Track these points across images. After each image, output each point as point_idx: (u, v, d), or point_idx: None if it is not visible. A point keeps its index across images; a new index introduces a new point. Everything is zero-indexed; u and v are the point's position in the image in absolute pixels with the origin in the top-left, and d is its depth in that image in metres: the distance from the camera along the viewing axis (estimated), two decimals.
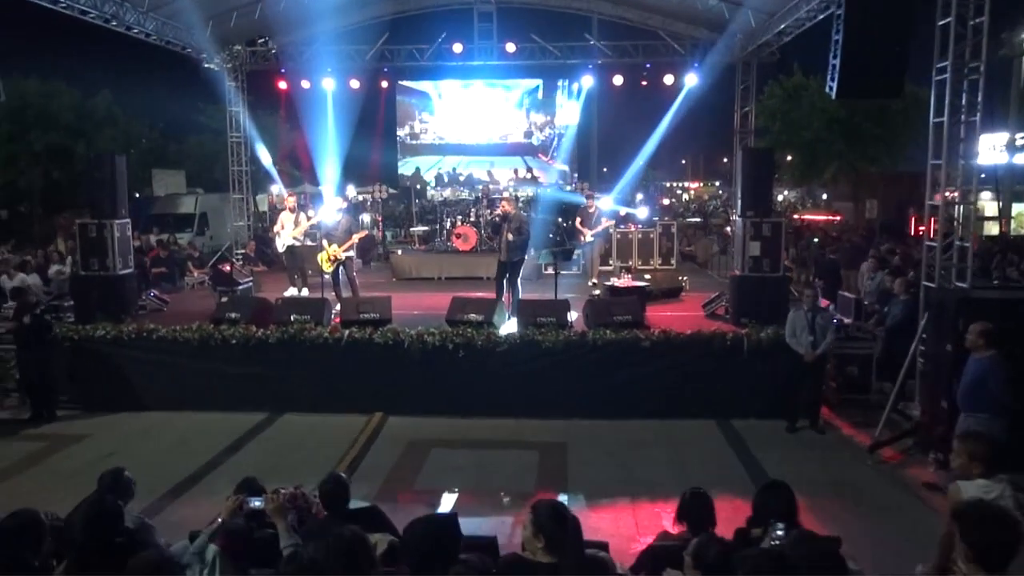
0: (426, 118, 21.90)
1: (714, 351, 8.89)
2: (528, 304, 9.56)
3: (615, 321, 9.23)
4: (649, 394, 8.96)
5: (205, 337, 9.25)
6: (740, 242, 9.77)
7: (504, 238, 10.59)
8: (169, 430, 8.89)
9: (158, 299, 11.25)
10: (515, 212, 11.12)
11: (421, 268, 14.83)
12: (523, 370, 9.02)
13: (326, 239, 10.97)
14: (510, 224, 10.64)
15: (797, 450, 8.05)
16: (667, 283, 12.10)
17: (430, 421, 8.91)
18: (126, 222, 10.42)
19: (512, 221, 10.71)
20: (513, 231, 10.61)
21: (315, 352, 9.17)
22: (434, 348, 9.02)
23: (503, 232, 10.62)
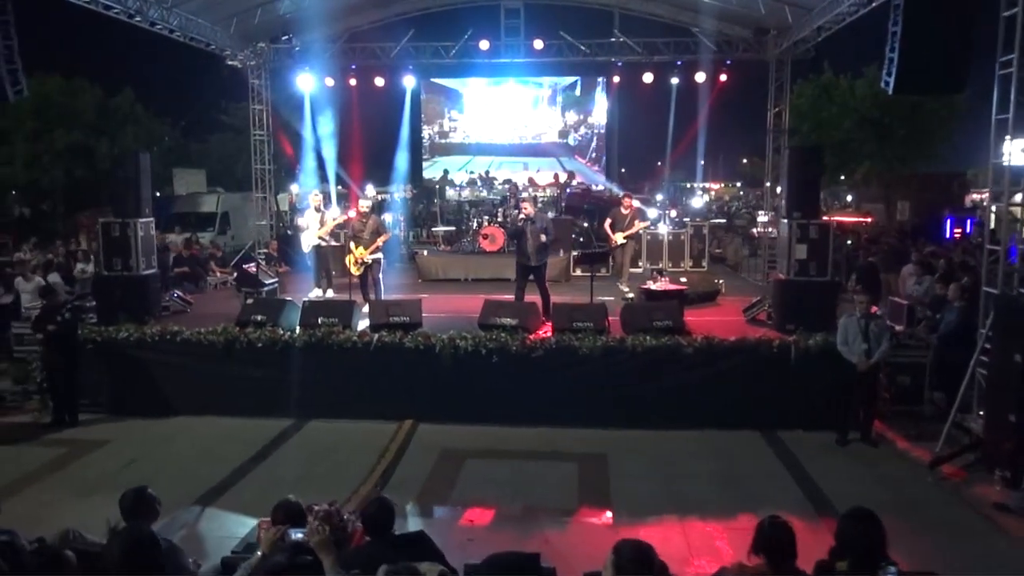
0: (455, 116, 21.25)
1: (760, 359, 8.50)
2: (564, 308, 9.19)
3: (654, 326, 8.85)
4: (691, 403, 8.57)
5: (230, 340, 8.97)
6: (785, 245, 9.35)
7: (529, 241, 10.22)
8: (193, 436, 8.61)
9: (181, 300, 11.00)
10: (538, 213, 10.77)
11: (448, 269, 14.49)
12: (559, 377, 8.66)
13: (353, 241, 10.65)
14: (535, 226, 10.27)
15: (851, 465, 7.63)
16: (703, 286, 11.69)
17: (462, 429, 8.57)
18: (150, 221, 10.17)
19: (537, 223, 10.36)
20: (540, 233, 10.26)
21: (343, 356, 8.87)
22: (466, 353, 8.69)
23: (527, 235, 10.24)
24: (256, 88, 17.09)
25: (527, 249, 10.26)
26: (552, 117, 21.14)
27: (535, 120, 21.14)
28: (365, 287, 10.72)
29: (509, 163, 21.17)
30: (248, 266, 10.80)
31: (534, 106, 21.02)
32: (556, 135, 21.17)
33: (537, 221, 10.36)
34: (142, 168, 9.99)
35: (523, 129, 21.20)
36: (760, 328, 9.68)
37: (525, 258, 10.33)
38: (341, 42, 16.70)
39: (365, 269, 10.61)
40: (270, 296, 10.93)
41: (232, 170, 27.44)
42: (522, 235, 10.27)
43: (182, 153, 30.75)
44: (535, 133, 21.26)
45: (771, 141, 17.07)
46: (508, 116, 21.10)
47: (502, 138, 21.31)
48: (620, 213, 12.63)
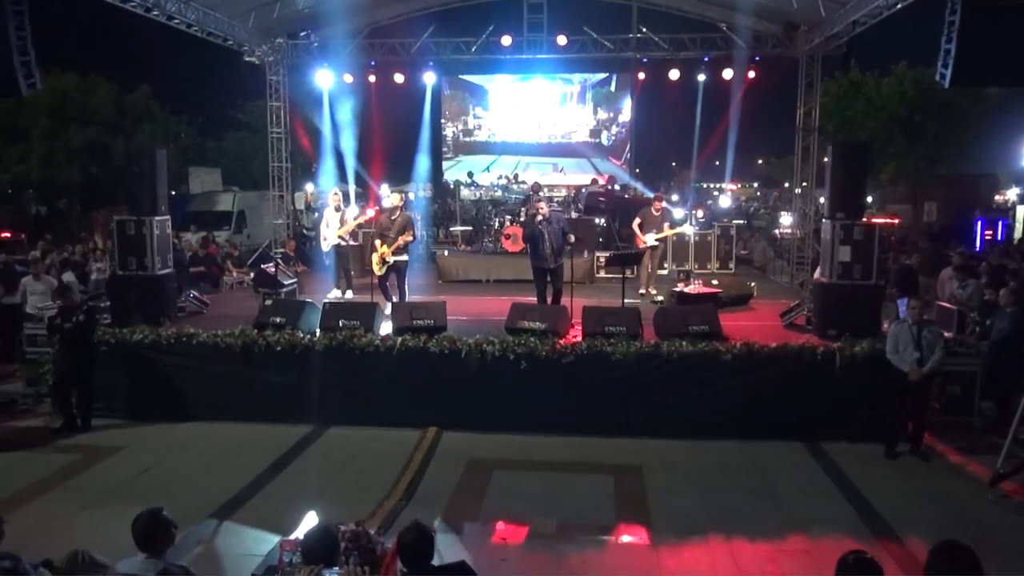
0: (480, 113, 20.55)
1: (802, 366, 8.07)
2: (595, 312, 8.79)
3: (690, 332, 8.44)
4: (729, 413, 8.16)
5: (248, 343, 8.64)
6: (828, 247, 8.92)
7: (546, 243, 9.83)
8: (209, 443, 8.29)
9: (198, 301, 10.68)
10: (554, 213, 10.41)
11: (469, 270, 14.13)
12: (591, 384, 8.28)
13: (379, 239, 10.28)
14: (552, 227, 9.91)
15: (903, 480, 7.19)
16: (735, 289, 11.25)
17: (489, 438, 8.20)
18: (166, 219, 9.86)
19: (553, 223, 10.01)
20: (558, 233, 9.91)
21: (365, 361, 8.52)
22: (494, 358, 8.31)
23: (545, 237, 9.83)
24: (274, 85, 16.79)
25: (543, 251, 9.91)
26: (582, 115, 20.35)
27: (564, 118, 20.39)
28: (386, 288, 10.36)
29: (537, 164, 20.39)
30: (266, 266, 10.47)
31: (562, 103, 20.31)
32: (587, 134, 20.37)
33: (553, 221, 10.04)
34: (158, 164, 9.69)
35: (552, 127, 20.43)
36: (799, 333, 9.25)
37: (541, 260, 9.99)
38: (361, 38, 16.38)
39: (388, 269, 10.24)
40: (289, 297, 10.59)
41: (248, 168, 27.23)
42: (539, 238, 9.91)
43: (198, 151, 30.58)
44: (564, 131, 20.48)
45: (800, 140, 16.62)
46: (535, 114, 20.37)
47: (529, 137, 20.60)
48: (651, 214, 12.23)
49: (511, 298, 10.72)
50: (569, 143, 20.41)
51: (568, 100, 20.19)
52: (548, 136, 20.39)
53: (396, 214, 10.27)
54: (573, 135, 20.31)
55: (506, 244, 14.52)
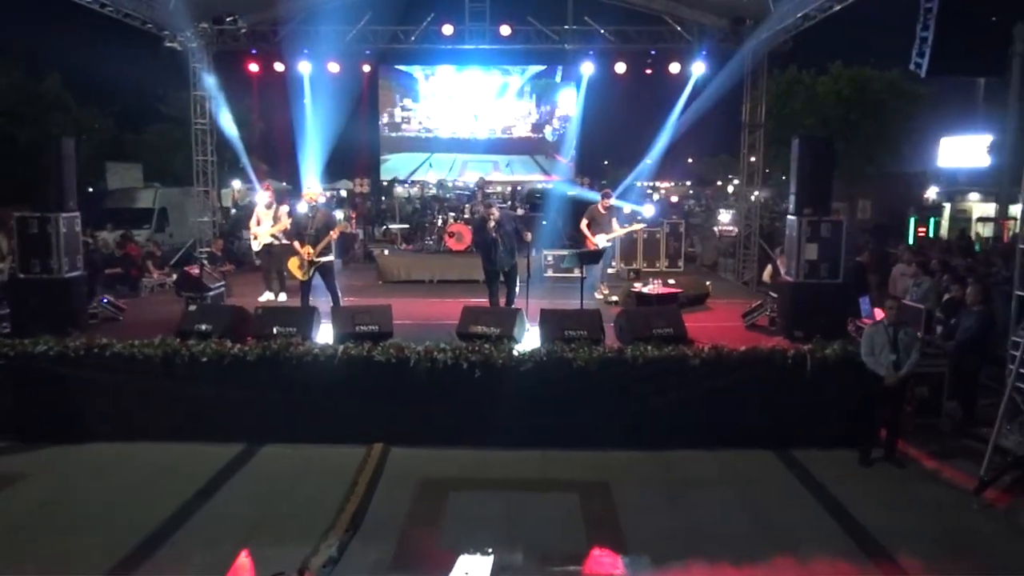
0: (409, 105, 19.13)
1: (773, 370, 7.65)
2: (554, 315, 8.21)
3: (654, 335, 7.94)
4: (697, 421, 7.68)
5: (170, 354, 7.73)
6: (794, 245, 8.55)
7: (501, 247, 9.55)
8: (126, 467, 7.35)
9: (112, 306, 9.64)
10: (503, 214, 9.99)
11: (411, 270, 13.39)
12: (551, 393, 7.67)
13: (297, 240, 9.44)
14: (504, 229, 9.57)
15: (882, 489, 6.83)
16: (692, 289, 10.83)
17: (441, 454, 7.53)
18: (74, 216, 8.84)
19: (505, 224, 9.67)
20: (511, 235, 9.66)
21: (303, 372, 7.71)
22: (445, 367, 7.63)
23: (499, 243, 9.56)
24: (198, 73, 15.69)
25: (497, 257, 9.62)
26: (521, 108, 19.31)
27: (502, 111, 19.23)
28: (308, 294, 9.54)
29: (477, 162, 19.19)
30: (190, 268, 9.50)
31: (499, 95, 19.18)
32: (529, 129, 19.36)
33: (505, 223, 9.68)
34: (65, 155, 8.67)
35: (490, 121, 19.26)
36: (763, 335, 8.89)
37: (495, 266, 9.70)
38: (292, 24, 15.43)
39: (314, 272, 9.40)
40: (216, 302, 9.65)
41: (170, 164, 25.68)
42: (493, 244, 9.56)
43: (116, 145, 28.77)
44: (504, 126, 19.37)
45: (746, 136, 16.43)
46: (471, 106, 19.07)
47: (465, 131, 19.32)
48: (599, 212, 11.72)
49: (459, 300, 10.09)
50: (510, 138, 19.35)
51: (507, 91, 19.19)
52: (488, 130, 19.26)
53: (315, 212, 9.52)
54: (513, 130, 19.28)
55: (450, 243, 13.85)
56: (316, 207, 9.42)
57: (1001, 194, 22.97)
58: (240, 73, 16.45)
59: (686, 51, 16.13)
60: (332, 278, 9.45)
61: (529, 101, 19.17)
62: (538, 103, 19.14)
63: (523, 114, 19.24)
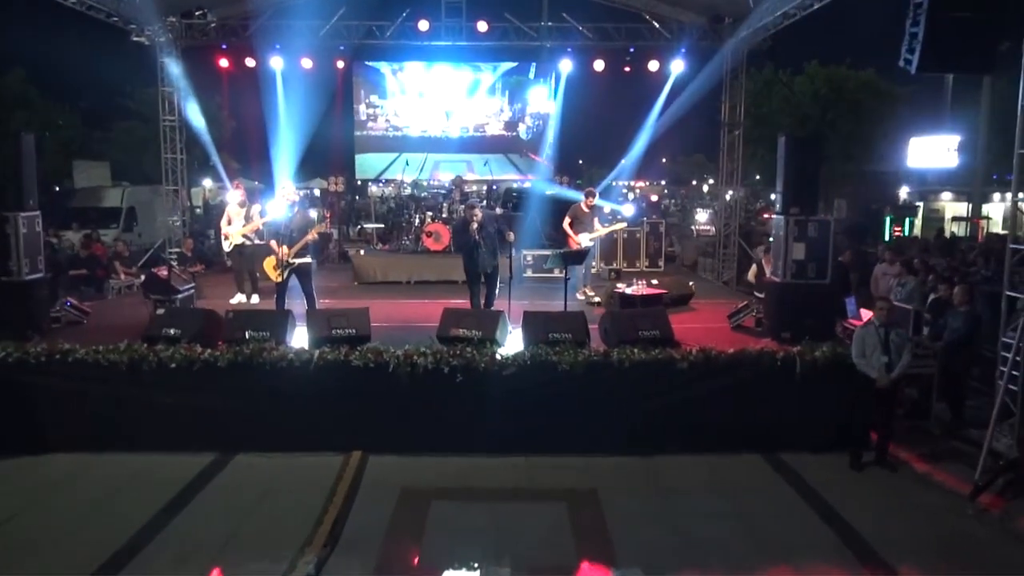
0: (376, 101, 18.48)
1: (761, 373, 7.48)
2: (537, 317, 7.97)
3: (640, 337, 7.74)
4: (685, 425, 7.50)
5: (136, 359, 7.37)
6: (781, 244, 8.40)
7: (483, 249, 9.35)
8: (89, 480, 6.99)
9: (76, 309, 9.22)
10: (484, 214, 9.74)
11: (388, 271, 13.08)
12: (535, 397, 7.43)
13: (274, 240, 9.11)
14: (486, 231, 9.37)
15: (876, 494, 6.69)
16: (675, 289, 10.65)
17: (422, 462, 7.27)
18: (35, 215, 8.42)
19: (487, 225, 9.44)
20: (494, 236, 9.43)
21: (277, 377, 7.40)
22: (426, 371, 7.36)
23: (481, 245, 9.35)
24: (165, 68, 15.25)
25: (479, 260, 9.42)
26: (493, 105, 18.77)
27: (474, 108, 18.69)
28: (284, 296, 9.21)
29: (449, 162, 18.62)
30: (158, 269, 9.10)
31: (471, 93, 18.64)
32: (502, 126, 18.82)
33: (487, 224, 9.43)
34: (25, 152, 8.24)
35: (461, 118, 18.69)
36: (750, 336, 8.73)
37: (477, 267, 9.48)
38: (264, 18, 15.03)
39: (290, 274, 9.07)
40: (185, 305, 9.27)
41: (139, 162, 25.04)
42: (475, 247, 9.36)
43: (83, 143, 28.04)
44: (476, 124, 18.82)
45: (724, 135, 16.35)
46: (440, 103, 18.51)
47: (435, 129, 18.74)
48: (582, 211, 11.53)
49: (438, 302, 9.83)
50: (483, 136, 18.86)
51: (478, 89, 18.69)
52: (460, 128, 18.74)
53: (293, 211, 9.21)
54: (486, 127, 18.79)
55: (428, 243, 13.56)
56: (294, 206, 9.10)
57: (974, 193, 23.18)
58: (210, 68, 16.01)
59: (665, 49, 15.99)
60: (309, 281, 9.13)
61: (501, 98, 18.69)
62: (511, 100, 18.67)
63: (495, 111, 18.76)
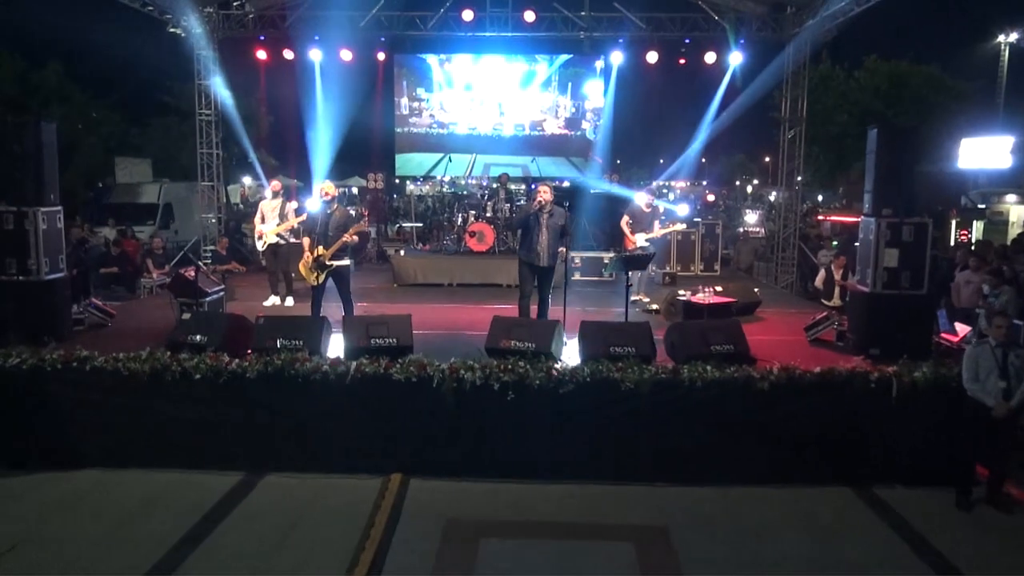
0: (422, 95, 17.07)
1: (853, 396, 6.61)
2: (597, 329, 7.17)
3: (713, 353, 6.91)
4: (765, 453, 6.66)
5: (159, 369, 6.75)
6: (870, 250, 7.50)
7: (542, 235, 8.39)
8: (107, 499, 6.39)
9: (99, 311, 8.66)
10: (555, 205, 8.85)
11: (428, 272, 12.39)
12: (594, 419, 6.66)
13: (308, 238, 8.41)
14: (552, 219, 8.43)
15: (998, 543, 5.77)
16: (741, 296, 9.77)
17: (469, 488, 6.55)
18: (56, 211, 7.87)
19: (555, 215, 8.50)
20: (555, 228, 8.46)
21: (310, 391, 6.72)
22: (473, 388, 6.61)
23: (541, 227, 8.40)
24: (203, 61, 14.78)
25: (536, 244, 8.42)
26: (549, 100, 17.12)
27: (529, 104, 17.09)
28: (320, 301, 8.53)
29: (504, 166, 16.76)
30: (186, 270, 8.49)
31: (524, 85, 17.06)
32: (563, 124, 17.12)
33: (555, 214, 8.51)
34: (45, 142, 7.70)
35: (515, 115, 17.15)
36: (831, 352, 7.84)
37: (532, 255, 8.46)
38: (303, 9, 14.47)
39: (327, 277, 8.38)
40: (214, 308, 8.65)
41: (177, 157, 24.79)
42: (534, 227, 8.39)
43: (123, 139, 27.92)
44: (533, 121, 17.16)
45: (784, 132, 15.38)
46: (492, 96, 17.04)
47: (485, 126, 17.17)
48: (640, 211, 10.78)
49: (481, 306, 9.13)
50: (541, 135, 17.27)
51: (532, 81, 17.15)
52: (514, 126, 17.30)
53: (332, 207, 8.42)
54: (544, 125, 17.31)
55: (471, 243, 12.85)
56: (332, 203, 8.39)
57: None
58: (247, 61, 15.47)
59: (722, 40, 15.10)
60: (347, 284, 8.43)
61: (559, 94, 17.20)
62: (572, 95, 17.14)
63: (550, 106, 17.23)
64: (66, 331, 7.92)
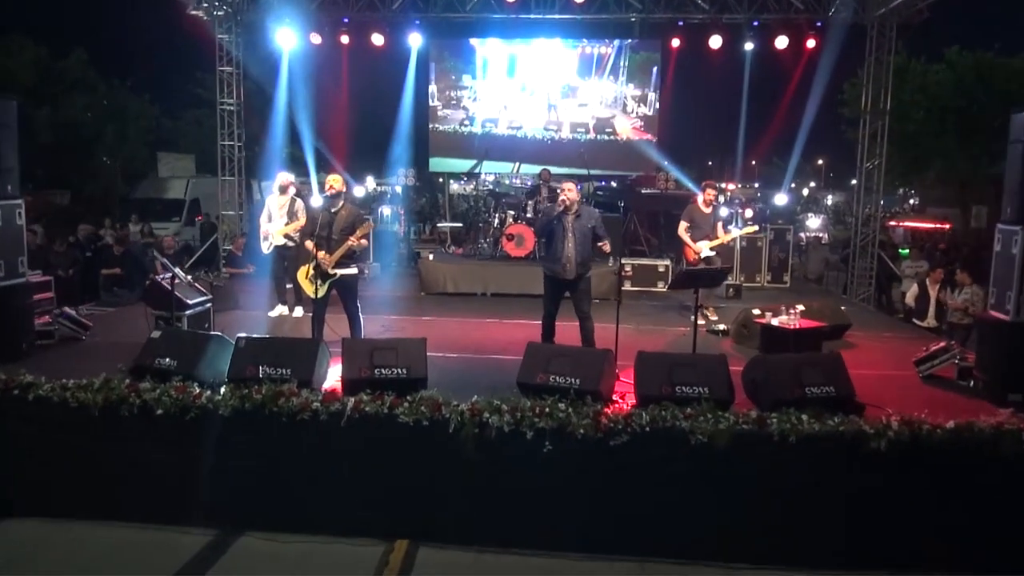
0: (467, 82, 14.94)
1: (999, 459, 5.01)
2: (657, 361, 5.67)
3: (807, 396, 5.37)
4: (876, 532, 5.11)
5: (113, 401, 5.47)
6: (1013, 267, 5.87)
7: (569, 242, 6.88)
8: (49, 559, 5.15)
9: (72, 323, 7.43)
10: (584, 205, 7.37)
11: (459, 280, 11.00)
12: (654, 479, 5.19)
13: (311, 240, 7.00)
14: (579, 221, 6.94)
15: None
16: (828, 318, 8.11)
17: (492, 561, 5.17)
18: (15, 204, 6.66)
19: (583, 217, 6.98)
20: (585, 232, 6.94)
21: (297, 434, 5.39)
22: (501, 436, 5.20)
23: (567, 231, 6.90)
24: (224, 46, 13.68)
25: (561, 253, 6.89)
26: (614, 91, 14.68)
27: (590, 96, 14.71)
28: (322, 318, 7.09)
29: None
30: (163, 277, 7.14)
31: (584, 73, 14.64)
32: (639, 123, 14.58)
33: (583, 215, 6.98)
34: (4, 122, 6.50)
35: (572, 112, 14.71)
36: (950, 393, 6.23)
37: (557, 265, 6.93)
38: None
39: (330, 287, 6.99)
40: (199, 324, 7.32)
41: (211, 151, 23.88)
42: (558, 233, 6.91)
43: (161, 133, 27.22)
44: (598, 119, 14.61)
45: (865, 125, 13.65)
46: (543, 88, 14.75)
47: (535, 123, 14.84)
48: (700, 212, 9.21)
49: (519, 322, 7.75)
50: (611, 139, 14.71)
51: (592, 69, 14.66)
52: (573, 131, 14.68)
53: (338, 205, 6.98)
54: (614, 122, 14.57)
55: (508, 247, 11.43)
56: (340, 198, 7.00)
57: None
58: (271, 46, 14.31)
59: (794, 23, 13.46)
60: (354, 297, 7.01)
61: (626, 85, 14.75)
62: (638, 86, 14.77)
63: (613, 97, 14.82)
64: (26, 346, 6.71)
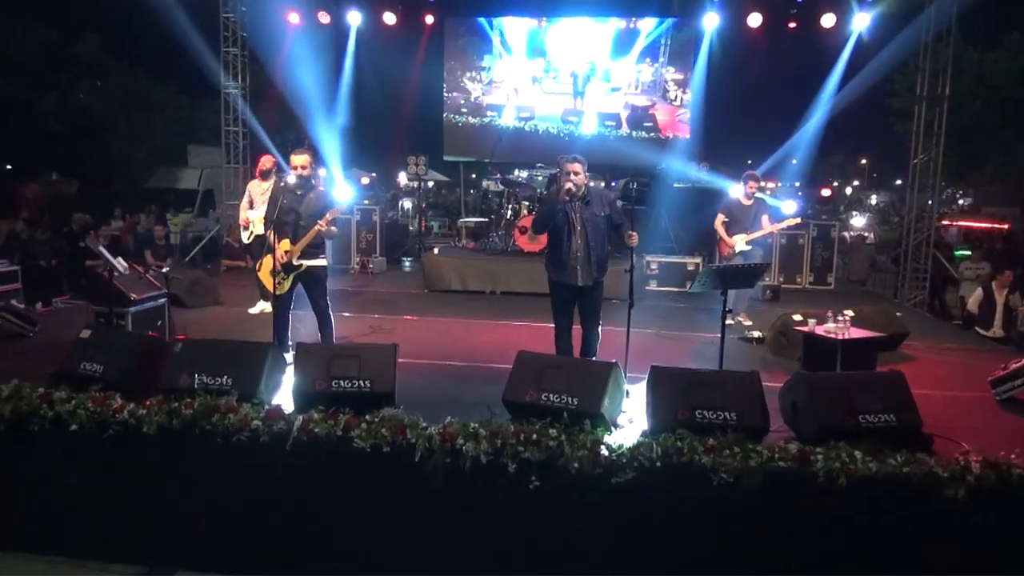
0: (486, 63, 13.42)
1: None
2: (675, 378, 4.62)
3: (863, 425, 4.30)
4: None
5: (22, 415, 4.62)
6: None
7: (576, 237, 5.54)
8: None
9: (16, 319, 6.60)
10: (596, 188, 6.20)
11: (466, 277, 10.05)
12: (670, 526, 4.17)
13: (273, 228, 5.98)
14: (589, 210, 5.57)
15: None
16: (882, 325, 6.95)
17: None
18: None
19: (593, 203, 5.61)
20: (598, 224, 5.60)
21: (235, 458, 4.47)
22: (477, 467, 4.22)
23: (574, 225, 5.54)
24: (229, 25, 12.95)
25: (568, 254, 5.56)
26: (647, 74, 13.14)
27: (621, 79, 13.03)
28: (286, 318, 6.10)
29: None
30: (101, 267, 6.22)
31: (616, 54, 12.83)
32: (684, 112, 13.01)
33: (595, 203, 5.62)
34: None
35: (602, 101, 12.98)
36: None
37: (567, 271, 5.60)
38: None
39: (294, 281, 6.07)
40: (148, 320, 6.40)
41: None
42: (564, 226, 5.57)
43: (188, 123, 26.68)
44: (635, 107, 12.98)
45: (921, 113, 12.39)
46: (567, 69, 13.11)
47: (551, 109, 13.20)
48: (740, 205, 8.20)
49: (526, 324, 6.83)
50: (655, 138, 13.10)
51: (628, 47, 12.82)
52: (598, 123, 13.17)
53: (305, 187, 5.98)
54: (655, 113, 12.89)
55: (520, 241, 10.46)
56: (309, 181, 6.06)
57: None
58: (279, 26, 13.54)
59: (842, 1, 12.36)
60: (323, 291, 6.07)
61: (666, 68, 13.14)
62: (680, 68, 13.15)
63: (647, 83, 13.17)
64: None
